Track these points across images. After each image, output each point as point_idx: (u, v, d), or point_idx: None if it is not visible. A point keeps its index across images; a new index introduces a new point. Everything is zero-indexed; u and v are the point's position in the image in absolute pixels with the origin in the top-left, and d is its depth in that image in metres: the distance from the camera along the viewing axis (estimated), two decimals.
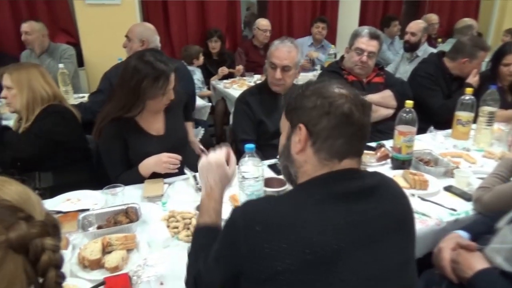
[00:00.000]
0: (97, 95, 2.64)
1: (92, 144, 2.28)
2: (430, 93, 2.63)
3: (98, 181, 2.16)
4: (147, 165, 1.76)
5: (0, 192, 0.62)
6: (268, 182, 1.40)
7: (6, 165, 1.92)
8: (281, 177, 1.47)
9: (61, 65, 3.06)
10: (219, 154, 1.17)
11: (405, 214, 0.94)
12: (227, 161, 1.18)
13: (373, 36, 2.36)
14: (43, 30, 3.43)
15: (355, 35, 2.43)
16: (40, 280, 0.63)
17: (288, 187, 1.39)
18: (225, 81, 3.97)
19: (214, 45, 4.21)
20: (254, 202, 0.92)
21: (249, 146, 1.31)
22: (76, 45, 3.96)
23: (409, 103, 1.82)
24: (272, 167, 1.94)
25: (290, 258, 0.78)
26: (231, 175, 1.18)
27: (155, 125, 1.90)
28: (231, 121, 3.43)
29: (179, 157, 1.76)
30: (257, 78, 3.97)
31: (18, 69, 1.95)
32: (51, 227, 0.65)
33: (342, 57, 2.59)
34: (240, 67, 4.16)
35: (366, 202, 0.87)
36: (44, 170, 2.04)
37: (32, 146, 1.92)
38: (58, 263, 0.64)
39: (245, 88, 3.66)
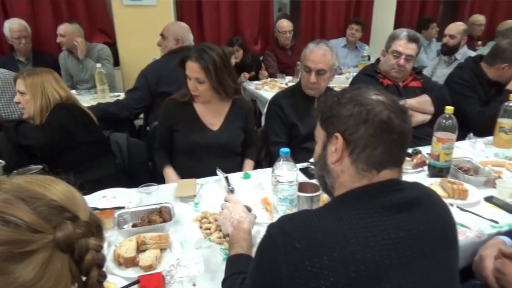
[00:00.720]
0: (133, 92, 2.70)
1: (122, 140, 2.33)
2: (465, 101, 2.53)
3: (127, 175, 2.23)
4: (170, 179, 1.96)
5: (48, 192, 0.64)
6: (301, 187, 1.38)
7: (24, 163, 1.95)
8: (315, 181, 1.45)
9: (98, 65, 3.15)
10: (232, 198, 1.37)
11: (450, 228, 0.91)
12: None
13: (411, 39, 2.29)
14: (77, 31, 3.53)
15: (393, 37, 2.37)
16: (83, 278, 0.65)
17: (322, 192, 1.37)
18: (256, 82, 3.97)
19: (236, 54, 4.15)
20: (291, 217, 0.88)
21: (285, 150, 1.30)
22: (112, 45, 4.07)
23: (449, 109, 1.76)
24: (304, 171, 1.92)
25: (333, 276, 0.75)
26: (253, 213, 1.32)
27: (212, 119, 2.01)
28: (262, 123, 3.45)
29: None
30: (288, 80, 3.95)
31: (31, 74, 1.96)
32: (95, 227, 0.66)
33: (378, 60, 2.53)
34: (264, 72, 4.14)
35: (410, 215, 0.84)
36: (65, 171, 2.08)
37: (45, 133, 1.93)
38: (100, 263, 0.65)
39: (276, 89, 3.67)
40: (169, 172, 2.00)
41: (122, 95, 3.32)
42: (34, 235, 0.60)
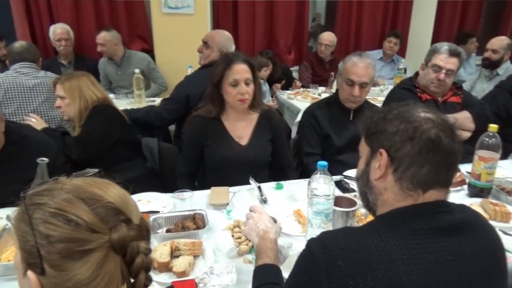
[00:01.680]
0: (169, 103, 2.70)
1: (153, 144, 2.38)
2: None
3: (158, 179, 2.26)
4: None
5: (105, 195, 0.67)
6: (336, 201, 1.36)
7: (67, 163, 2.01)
8: (350, 196, 1.43)
9: (136, 70, 3.23)
10: (257, 209, 1.32)
11: (499, 254, 0.86)
12: None
13: (453, 53, 2.23)
14: (115, 39, 3.66)
15: (433, 51, 2.31)
16: (131, 280, 0.67)
17: (359, 207, 1.34)
18: (288, 92, 3.96)
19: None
20: (333, 234, 0.87)
21: (322, 163, 1.29)
22: (149, 51, 4.18)
23: (493, 127, 1.69)
24: (337, 184, 1.89)
25: None
26: (278, 225, 1.29)
27: (241, 132, 1.96)
28: (292, 133, 3.43)
29: None
30: (321, 90, 3.93)
31: (69, 79, 2.05)
32: (145, 231, 0.68)
33: (416, 74, 2.48)
34: (298, 83, 4.12)
35: (458, 239, 0.81)
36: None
37: (81, 150, 2.01)
38: (148, 266, 0.67)
39: (309, 99, 3.65)
40: None
41: (157, 100, 3.40)
42: (92, 234, 0.62)
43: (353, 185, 1.88)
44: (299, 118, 3.38)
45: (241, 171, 1.89)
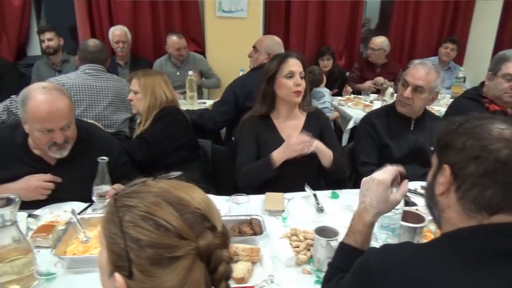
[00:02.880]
0: (220, 105, 2.74)
1: (207, 146, 2.40)
2: None
3: (211, 179, 2.27)
4: None
5: (192, 200, 0.65)
6: (403, 215, 1.30)
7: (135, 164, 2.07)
8: (419, 211, 1.35)
9: (190, 72, 3.29)
10: (386, 174, 1.06)
11: None
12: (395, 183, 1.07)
13: None
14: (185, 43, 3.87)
15: (503, 60, 2.17)
16: None
17: (427, 224, 1.27)
18: (339, 98, 3.88)
19: (326, 63, 4.13)
20: (393, 249, 0.84)
21: None
22: (201, 53, 4.25)
23: None
24: None
25: None
26: (393, 201, 1.06)
27: (290, 131, 1.94)
28: (343, 140, 3.35)
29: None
30: (373, 98, 3.82)
31: (145, 76, 2.13)
32: (227, 239, 0.66)
33: (482, 84, 2.33)
34: (348, 89, 4.04)
35: None
36: (157, 169, 2.17)
37: (144, 151, 2.05)
38: (229, 275, 0.65)
39: (360, 106, 3.56)
40: None
41: (207, 102, 3.45)
42: (180, 241, 0.61)
43: (414, 198, 1.80)
44: (350, 125, 3.31)
45: (290, 169, 1.85)
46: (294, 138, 1.80)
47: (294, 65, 1.86)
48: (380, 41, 4.17)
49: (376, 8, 5.03)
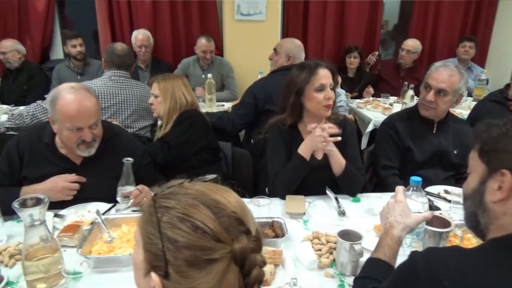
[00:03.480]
0: (240, 107, 2.75)
1: (227, 149, 2.41)
2: None
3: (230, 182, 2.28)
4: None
5: (228, 204, 0.66)
6: (429, 220, 1.27)
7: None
8: (443, 215, 1.33)
9: (209, 75, 3.31)
10: (398, 195, 1.20)
11: None
12: None
13: None
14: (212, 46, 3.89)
15: None
16: None
17: (453, 228, 1.24)
18: (358, 100, 3.85)
19: (353, 61, 4.13)
20: (441, 252, 0.82)
21: (416, 179, 1.22)
22: (219, 56, 4.28)
23: None
24: None
25: None
26: (417, 216, 1.16)
27: None
28: (362, 143, 3.32)
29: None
30: (393, 100, 3.77)
31: (165, 79, 2.15)
32: (261, 243, 0.66)
33: (508, 86, 2.28)
34: (370, 90, 4.01)
35: None
36: (179, 172, 2.20)
37: (165, 153, 2.07)
38: (261, 280, 0.65)
39: (380, 109, 3.53)
40: None
41: (226, 105, 3.46)
42: (216, 244, 0.61)
43: (437, 202, 1.77)
44: (369, 128, 3.28)
45: (313, 175, 1.81)
46: (318, 130, 1.71)
47: (324, 76, 1.76)
48: (417, 44, 4.12)
49: (395, 10, 4.97)
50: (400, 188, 1.22)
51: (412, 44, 4.13)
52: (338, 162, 1.78)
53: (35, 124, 1.94)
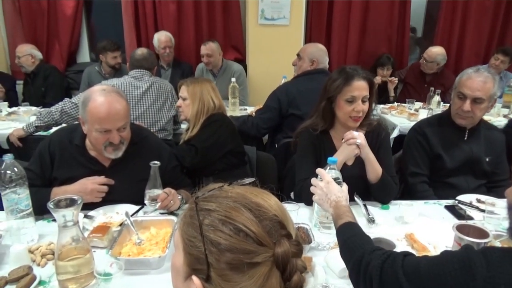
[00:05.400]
0: (264, 112, 2.75)
1: (252, 153, 2.40)
2: None
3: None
4: None
5: (270, 207, 0.65)
6: (461, 229, 1.23)
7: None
8: (476, 224, 1.28)
9: (233, 79, 3.33)
10: (325, 178, 1.33)
11: None
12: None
13: None
14: (219, 50, 3.83)
15: None
16: None
17: (491, 240, 1.19)
18: (382, 106, 3.80)
19: (386, 73, 4.07)
20: (502, 253, 0.78)
21: (332, 159, 1.36)
22: (242, 61, 4.30)
23: None
24: (451, 209, 1.74)
25: None
26: (345, 188, 1.34)
27: None
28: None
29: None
30: (418, 106, 3.70)
31: (194, 83, 2.17)
32: (302, 248, 0.64)
33: None
34: (394, 80, 3.95)
35: None
36: (206, 175, 2.21)
37: (192, 157, 2.08)
38: (302, 285, 0.63)
39: (405, 115, 3.47)
40: None
41: (248, 109, 3.46)
42: (259, 247, 0.60)
43: (470, 211, 1.71)
44: (394, 134, 3.22)
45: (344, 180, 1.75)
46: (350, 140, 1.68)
47: (358, 88, 1.70)
48: (436, 54, 4.03)
49: (420, 13, 4.89)
50: (322, 170, 1.37)
51: (431, 54, 4.04)
52: (375, 169, 1.72)
53: (66, 127, 1.98)
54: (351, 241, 1.06)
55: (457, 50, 4.56)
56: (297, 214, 1.55)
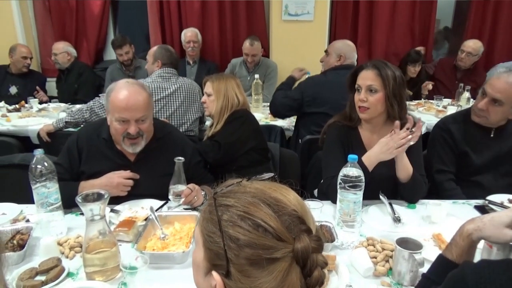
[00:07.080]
0: (286, 96, 2.73)
1: (275, 150, 2.39)
2: None
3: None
4: None
5: (289, 202, 0.64)
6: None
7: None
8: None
9: (256, 76, 3.32)
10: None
11: None
12: None
13: None
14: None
15: None
16: None
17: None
18: (408, 102, 3.71)
19: (417, 69, 3.96)
20: (494, 267, 0.75)
21: (353, 156, 1.25)
22: (265, 57, 4.27)
23: None
24: (479, 209, 1.68)
25: None
26: (507, 233, 0.93)
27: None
28: None
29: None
30: (447, 102, 3.60)
31: (219, 79, 2.18)
32: (322, 243, 0.64)
33: None
34: (429, 85, 3.83)
35: None
36: (228, 171, 2.20)
37: (215, 152, 2.08)
38: (323, 281, 0.63)
39: (433, 112, 3.38)
40: None
41: None
42: (278, 242, 0.60)
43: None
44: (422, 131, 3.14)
45: (372, 187, 1.63)
46: (389, 139, 1.60)
47: (362, 78, 1.68)
48: (478, 46, 3.89)
49: (450, 7, 4.74)
50: None
51: (474, 46, 3.87)
52: (406, 168, 1.66)
53: (94, 122, 2.03)
54: (426, 278, 1.01)
55: (488, 45, 4.39)
56: (321, 212, 1.54)
